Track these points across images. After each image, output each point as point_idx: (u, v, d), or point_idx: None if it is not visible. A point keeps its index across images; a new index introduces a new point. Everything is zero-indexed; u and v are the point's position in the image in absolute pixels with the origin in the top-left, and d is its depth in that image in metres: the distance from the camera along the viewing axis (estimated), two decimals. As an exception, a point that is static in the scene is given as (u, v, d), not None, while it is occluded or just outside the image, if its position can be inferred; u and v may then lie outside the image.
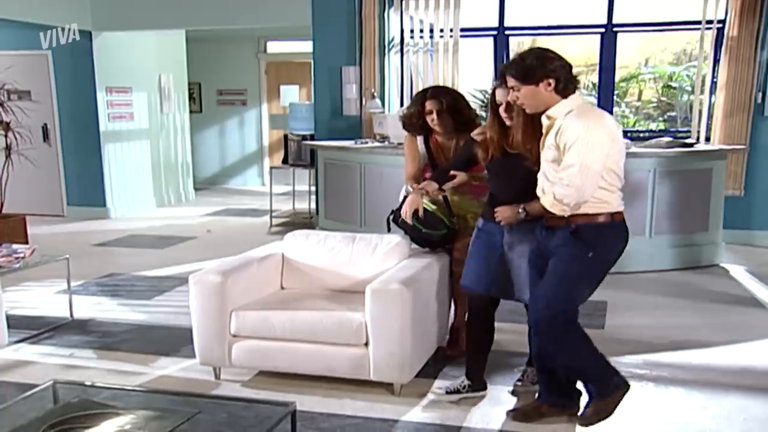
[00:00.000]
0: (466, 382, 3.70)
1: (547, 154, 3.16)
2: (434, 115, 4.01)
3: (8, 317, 4.45)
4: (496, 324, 3.76)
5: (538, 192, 3.21)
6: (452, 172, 3.83)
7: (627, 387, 3.29)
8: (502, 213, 3.35)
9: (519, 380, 3.86)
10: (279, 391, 3.81)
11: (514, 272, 3.48)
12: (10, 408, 2.99)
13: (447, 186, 3.89)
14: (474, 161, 3.69)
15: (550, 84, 3.08)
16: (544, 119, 3.17)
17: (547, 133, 3.15)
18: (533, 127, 3.25)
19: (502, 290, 3.54)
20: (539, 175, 3.21)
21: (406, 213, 3.84)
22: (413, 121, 4.17)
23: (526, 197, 3.30)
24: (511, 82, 3.15)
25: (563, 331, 3.21)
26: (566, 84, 3.10)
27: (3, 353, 4.41)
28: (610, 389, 3.26)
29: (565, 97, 3.11)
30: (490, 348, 3.73)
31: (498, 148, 3.46)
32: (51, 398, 3.04)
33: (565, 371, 3.38)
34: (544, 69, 3.08)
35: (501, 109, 3.41)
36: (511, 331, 4.33)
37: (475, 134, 3.67)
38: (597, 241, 3.15)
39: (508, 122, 3.39)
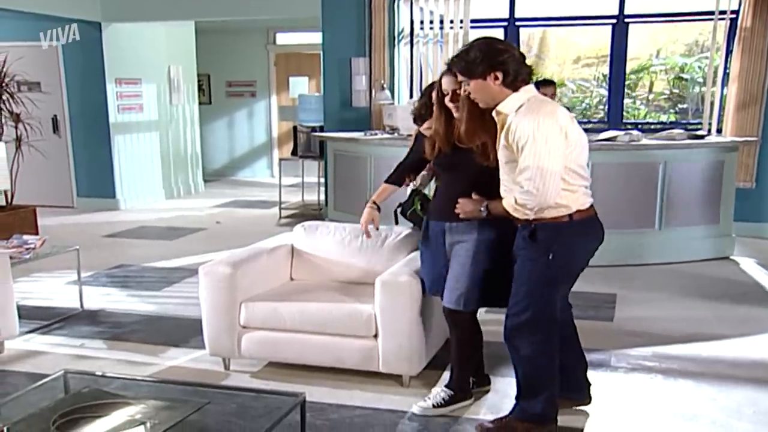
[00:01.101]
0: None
1: (501, 154, 2.99)
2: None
3: (19, 308, 4.47)
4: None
5: (502, 193, 3.07)
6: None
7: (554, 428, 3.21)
8: (464, 206, 3.17)
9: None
10: (288, 382, 3.82)
11: (448, 273, 3.36)
12: (22, 397, 3.01)
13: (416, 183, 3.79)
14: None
15: (497, 77, 2.90)
16: (494, 115, 3.00)
17: (501, 130, 2.97)
18: (482, 119, 3.08)
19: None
20: (501, 176, 3.07)
21: (363, 227, 3.66)
22: (422, 113, 4.13)
23: (478, 194, 3.17)
24: (459, 76, 3.00)
25: (528, 335, 3.08)
26: (515, 76, 2.91)
27: (14, 343, 4.44)
28: (538, 420, 3.17)
29: (515, 90, 2.93)
30: (482, 347, 3.60)
31: (445, 142, 3.29)
32: (62, 388, 3.05)
33: (520, 378, 3.22)
34: (490, 62, 2.89)
35: (447, 99, 3.23)
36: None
37: (424, 128, 3.51)
38: (555, 241, 2.96)
39: (455, 113, 3.22)
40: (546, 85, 6.81)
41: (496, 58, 2.91)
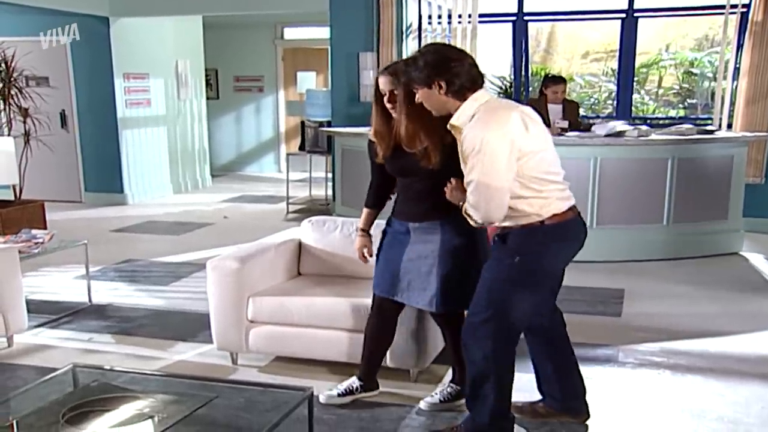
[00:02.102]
0: (357, 384, 3.56)
1: (464, 168, 2.85)
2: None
3: (28, 302, 4.48)
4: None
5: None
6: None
7: None
8: (453, 190, 2.98)
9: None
10: (295, 376, 3.83)
11: (407, 273, 3.28)
12: (31, 391, 3.02)
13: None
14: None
15: (441, 86, 2.78)
16: (450, 128, 2.89)
17: (460, 143, 2.86)
18: (423, 121, 2.98)
19: (401, 292, 3.33)
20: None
21: (359, 254, 3.57)
22: None
23: (433, 198, 3.08)
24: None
25: (481, 338, 2.93)
26: (462, 86, 2.78)
27: (23, 337, 4.45)
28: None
29: (463, 99, 2.80)
30: (387, 349, 3.57)
31: (385, 144, 3.20)
32: (71, 382, 3.06)
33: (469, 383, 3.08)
34: (435, 70, 2.78)
35: (384, 100, 3.14)
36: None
37: (372, 135, 3.36)
38: (524, 243, 2.85)
39: (394, 114, 3.13)
40: (556, 82, 6.79)
41: (441, 66, 2.79)
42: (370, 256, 3.58)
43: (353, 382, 3.57)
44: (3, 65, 7.33)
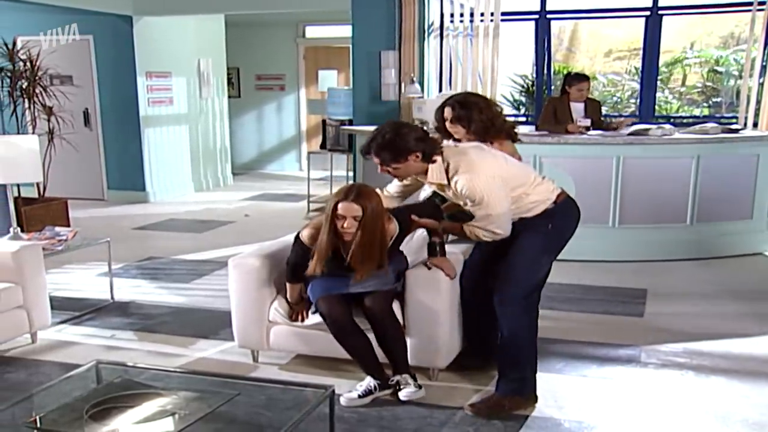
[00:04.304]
0: (374, 383, 3.55)
1: (469, 205, 3.43)
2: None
3: (51, 299, 4.53)
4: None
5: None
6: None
7: (535, 401, 3.50)
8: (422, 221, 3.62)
9: None
10: (316, 374, 3.83)
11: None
12: (55, 387, 3.04)
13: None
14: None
15: (417, 156, 3.40)
16: (427, 183, 3.58)
17: (440, 189, 3.53)
18: (373, 248, 3.41)
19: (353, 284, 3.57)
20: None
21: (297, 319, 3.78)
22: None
23: None
24: (382, 159, 3.45)
25: (521, 306, 3.43)
26: (431, 153, 3.41)
27: (47, 334, 4.50)
28: (523, 393, 3.47)
29: (432, 161, 3.42)
30: (371, 345, 3.59)
31: (323, 260, 3.47)
32: (94, 378, 3.09)
33: (499, 354, 3.55)
34: (407, 146, 3.37)
35: (342, 224, 3.39)
36: (548, 317, 4.30)
37: (309, 240, 3.57)
38: (553, 217, 3.46)
39: (346, 237, 3.43)
40: (580, 80, 6.72)
41: (411, 141, 3.37)
42: (307, 316, 3.73)
43: (370, 382, 3.56)
44: (27, 64, 7.41)
